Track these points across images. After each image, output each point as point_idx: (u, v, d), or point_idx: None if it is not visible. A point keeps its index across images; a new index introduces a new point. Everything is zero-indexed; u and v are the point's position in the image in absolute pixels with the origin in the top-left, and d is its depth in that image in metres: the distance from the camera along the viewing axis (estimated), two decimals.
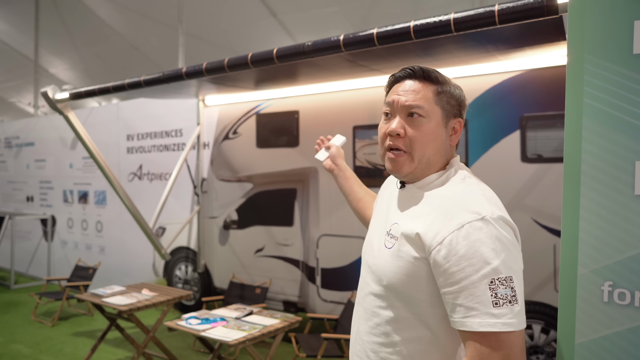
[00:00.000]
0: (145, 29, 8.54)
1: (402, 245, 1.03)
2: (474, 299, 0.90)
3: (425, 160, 1.08)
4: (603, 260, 0.96)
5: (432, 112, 1.07)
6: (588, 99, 0.97)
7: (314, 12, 7.39)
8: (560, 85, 3.04)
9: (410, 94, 1.08)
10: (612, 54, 0.95)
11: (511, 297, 0.89)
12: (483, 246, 0.91)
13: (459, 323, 0.92)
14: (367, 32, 2.17)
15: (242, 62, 2.68)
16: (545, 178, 3.08)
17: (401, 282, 1.02)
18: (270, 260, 4.35)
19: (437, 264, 0.95)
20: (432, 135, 1.07)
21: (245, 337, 2.79)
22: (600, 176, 0.97)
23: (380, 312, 1.07)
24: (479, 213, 0.94)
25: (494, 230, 0.92)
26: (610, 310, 0.96)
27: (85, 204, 6.17)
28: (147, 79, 3.18)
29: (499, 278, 0.89)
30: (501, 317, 0.88)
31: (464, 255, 0.91)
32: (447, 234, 0.94)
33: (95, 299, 3.64)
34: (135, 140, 5.51)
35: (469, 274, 0.91)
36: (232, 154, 4.57)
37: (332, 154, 1.63)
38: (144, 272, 5.42)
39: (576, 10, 0.98)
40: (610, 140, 0.96)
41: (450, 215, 0.96)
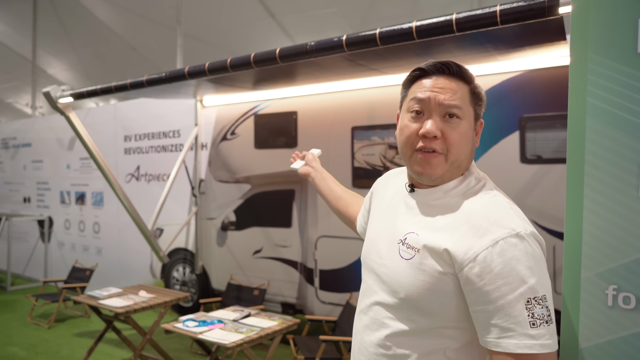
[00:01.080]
0: (144, 30, 8.52)
1: (425, 258, 0.97)
2: (510, 319, 0.86)
3: (458, 164, 1.02)
4: (607, 263, 0.94)
5: (468, 113, 1.02)
6: (592, 98, 0.95)
7: (313, 13, 7.38)
8: (559, 85, 3.04)
9: (449, 92, 1.00)
10: (616, 53, 0.93)
11: (547, 317, 0.86)
12: (519, 264, 0.87)
13: (493, 343, 0.88)
14: (369, 32, 2.16)
15: (245, 62, 2.67)
16: (544, 179, 3.06)
17: (422, 296, 0.96)
18: (269, 261, 4.33)
19: (469, 281, 0.91)
20: (467, 138, 1.02)
21: (243, 340, 2.77)
22: (605, 177, 0.94)
23: (392, 323, 1.01)
24: (512, 229, 0.90)
25: (528, 247, 0.89)
26: (614, 315, 0.93)
27: (83, 205, 6.14)
28: (149, 79, 3.17)
29: (535, 297, 0.86)
30: (539, 339, 0.85)
31: (500, 273, 0.87)
32: (480, 251, 0.89)
33: (92, 301, 3.61)
34: (132, 141, 5.48)
35: (505, 293, 0.87)
36: (230, 155, 4.54)
37: (308, 160, 1.63)
38: (141, 274, 5.39)
39: (579, 8, 0.96)
40: (614, 141, 0.94)
41: (482, 230, 0.91)
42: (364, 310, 1.10)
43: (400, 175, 1.21)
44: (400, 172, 1.23)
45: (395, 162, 3.64)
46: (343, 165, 3.86)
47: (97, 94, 3.45)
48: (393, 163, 3.65)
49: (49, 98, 3.61)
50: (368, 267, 1.13)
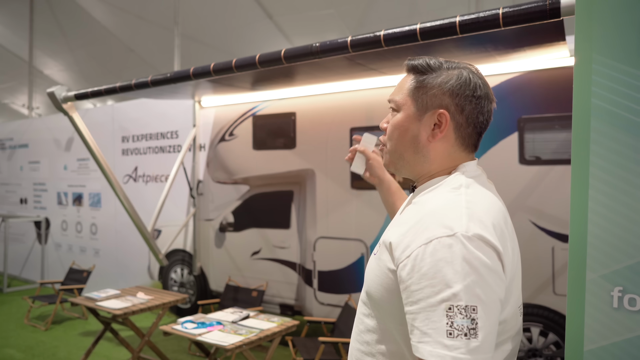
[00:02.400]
0: (141, 31, 8.50)
1: (382, 253, 0.95)
2: (429, 324, 0.81)
3: (398, 155, 1.03)
4: (613, 265, 0.94)
5: (405, 104, 1.01)
6: (596, 99, 0.95)
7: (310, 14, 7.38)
8: (558, 87, 3.04)
9: (395, 88, 1.06)
10: (621, 54, 0.93)
11: (468, 330, 0.78)
12: (447, 267, 0.81)
13: (414, 347, 0.83)
14: (374, 34, 2.18)
15: (250, 63, 2.68)
16: (543, 180, 3.06)
17: (377, 291, 0.95)
18: (267, 263, 4.32)
19: (401, 279, 0.87)
20: (400, 129, 1.01)
21: (242, 342, 2.76)
22: (609, 179, 0.94)
23: (364, 319, 1.01)
24: (450, 228, 0.83)
25: (463, 251, 0.81)
26: (620, 317, 0.93)
27: (80, 206, 6.11)
28: (154, 79, 3.17)
29: (458, 305, 0.79)
30: (452, 350, 0.78)
31: (426, 273, 0.82)
32: (414, 248, 0.85)
33: (90, 303, 3.59)
34: (130, 142, 5.46)
35: (427, 295, 0.81)
36: (229, 156, 4.53)
37: (369, 166, 1.40)
38: (139, 275, 5.37)
39: (584, 9, 0.96)
40: (619, 143, 0.93)
41: (423, 227, 0.87)
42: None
43: None
44: None
45: None
46: (341, 166, 3.86)
47: (102, 94, 3.46)
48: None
49: (53, 98, 3.61)
50: None
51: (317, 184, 4.02)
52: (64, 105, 3.64)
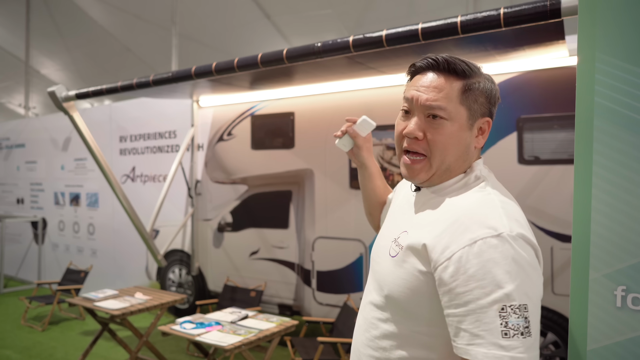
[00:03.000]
0: (138, 31, 8.48)
1: (407, 255, 0.93)
2: (481, 326, 0.80)
3: (445, 167, 0.97)
4: (616, 264, 0.93)
5: (457, 113, 0.95)
6: (599, 98, 0.95)
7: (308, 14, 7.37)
8: (557, 87, 3.05)
9: (432, 92, 0.95)
10: (624, 53, 0.92)
11: (524, 329, 0.79)
12: (496, 267, 0.80)
13: (462, 350, 0.82)
14: (376, 34, 2.19)
15: (252, 63, 2.68)
16: (542, 180, 3.07)
17: (403, 295, 0.92)
18: (265, 263, 4.31)
19: (442, 281, 0.85)
20: (454, 140, 0.95)
21: (241, 342, 2.75)
22: (613, 178, 0.94)
23: (379, 324, 0.98)
24: (495, 229, 0.83)
25: (510, 250, 0.81)
26: (623, 316, 0.93)
27: (77, 207, 6.09)
28: (156, 79, 3.17)
29: (511, 305, 0.79)
30: (510, 350, 0.78)
31: (474, 275, 0.81)
32: (457, 250, 0.84)
33: (88, 303, 3.58)
34: (128, 141, 5.44)
35: (477, 296, 0.80)
36: (227, 156, 4.52)
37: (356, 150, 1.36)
38: (137, 276, 5.35)
39: (587, 8, 0.95)
40: (622, 141, 0.93)
41: (462, 228, 0.86)
42: (360, 310, 1.11)
43: None
44: None
45: (393, 163, 3.64)
46: (340, 166, 3.85)
47: (103, 94, 3.45)
48: (391, 164, 3.65)
49: (54, 97, 3.60)
50: (371, 267, 1.14)
51: (316, 184, 4.01)
52: (65, 104, 3.63)
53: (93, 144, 3.83)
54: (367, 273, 3.78)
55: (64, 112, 3.68)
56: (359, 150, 1.35)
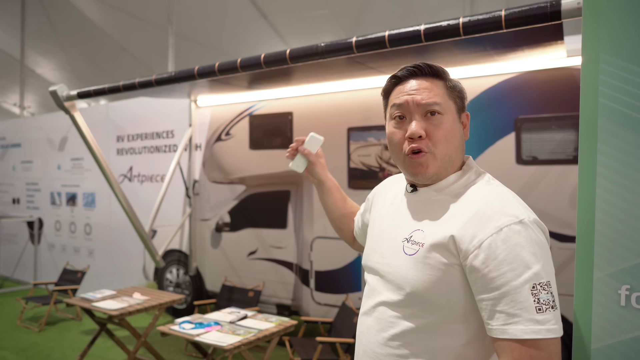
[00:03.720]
0: (135, 30, 8.45)
1: (430, 251, 0.98)
2: (516, 305, 0.87)
3: (448, 158, 1.04)
4: (620, 263, 0.94)
5: (448, 107, 1.04)
6: (604, 98, 0.96)
7: (305, 14, 7.37)
8: (555, 87, 3.06)
9: (424, 92, 1.03)
10: (628, 53, 0.93)
11: (553, 302, 0.87)
12: (523, 250, 0.88)
13: (499, 330, 0.89)
14: (379, 35, 2.22)
15: (255, 63, 2.69)
16: (540, 180, 3.08)
17: (428, 290, 0.97)
18: (263, 263, 4.31)
19: (474, 269, 0.92)
20: (452, 132, 1.04)
21: (240, 342, 2.75)
22: (617, 178, 0.95)
23: (398, 322, 1.01)
24: (516, 216, 0.92)
25: (532, 234, 0.90)
26: (627, 315, 0.94)
27: (74, 206, 6.06)
28: (158, 78, 3.17)
29: (540, 283, 0.87)
30: (545, 324, 0.85)
31: (505, 259, 0.88)
32: (485, 238, 0.91)
33: (85, 304, 3.56)
34: (125, 141, 5.42)
35: (510, 279, 0.88)
36: (225, 156, 4.52)
37: (311, 167, 1.43)
38: (134, 276, 5.34)
39: (591, 8, 0.96)
40: (627, 142, 0.94)
41: (486, 218, 0.93)
42: (367, 312, 1.10)
43: (400, 180, 1.24)
44: (401, 177, 1.26)
45: (392, 163, 3.64)
46: (339, 166, 3.86)
47: (105, 93, 3.45)
48: (389, 164, 3.65)
49: (55, 97, 3.60)
50: (370, 269, 1.14)
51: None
52: (66, 103, 3.64)
53: (93, 144, 3.83)
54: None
55: (65, 112, 3.68)
56: (313, 167, 1.41)
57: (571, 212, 3.00)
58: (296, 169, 1.38)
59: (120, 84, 3.35)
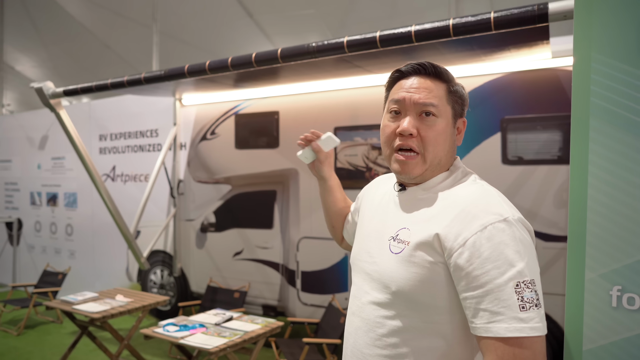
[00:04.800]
0: (118, 27, 8.31)
1: (415, 250, 0.98)
2: (500, 303, 0.86)
3: (437, 161, 1.05)
4: (611, 264, 0.94)
5: (445, 111, 1.04)
6: (595, 98, 0.95)
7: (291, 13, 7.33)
8: (540, 88, 3.09)
9: (423, 92, 1.03)
10: (621, 53, 0.93)
11: (536, 301, 0.87)
12: (507, 248, 0.88)
13: (482, 329, 0.88)
14: (370, 35, 2.24)
15: (247, 62, 2.68)
16: (526, 180, 3.10)
17: (414, 288, 0.96)
18: (249, 263, 4.26)
19: (458, 267, 0.91)
20: (444, 136, 1.04)
21: (226, 344, 2.70)
22: (609, 178, 0.94)
23: (385, 322, 1.01)
24: (500, 214, 0.92)
25: (516, 232, 0.90)
26: (619, 316, 0.93)
27: (55, 207, 5.93)
28: (147, 76, 3.13)
29: (524, 281, 0.86)
30: (529, 322, 0.85)
31: (489, 257, 0.88)
32: (469, 236, 0.91)
33: (66, 306, 3.48)
34: (108, 140, 5.32)
35: (494, 276, 0.87)
36: (210, 155, 4.46)
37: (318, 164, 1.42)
38: (117, 277, 5.24)
39: (583, 8, 0.95)
40: (618, 141, 0.93)
41: (471, 216, 0.93)
42: (355, 312, 1.10)
43: (390, 179, 1.24)
44: (390, 177, 1.26)
45: (378, 162, 3.63)
46: None
47: (93, 91, 3.39)
48: (376, 164, 3.64)
49: (41, 94, 3.53)
50: (358, 268, 1.14)
51: (301, 183, 3.98)
52: (52, 101, 3.57)
53: (79, 143, 3.76)
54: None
55: (51, 109, 3.62)
56: (321, 164, 1.41)
57: (556, 212, 3.03)
58: (303, 159, 1.39)
59: (109, 82, 3.29)
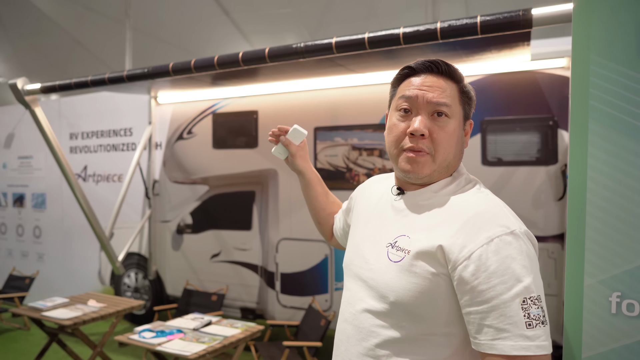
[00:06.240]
0: (89, 23, 8.06)
1: (416, 260, 0.93)
2: (505, 320, 0.82)
3: (446, 163, 1.00)
4: (611, 270, 0.92)
5: (456, 112, 1.00)
6: (594, 101, 0.94)
7: (268, 12, 7.25)
8: (519, 90, 3.12)
9: (437, 90, 0.98)
10: (620, 55, 0.91)
11: (543, 318, 0.83)
12: (514, 262, 0.84)
13: (487, 345, 0.84)
14: (358, 37, 2.26)
15: (233, 60, 2.64)
16: (506, 181, 3.13)
17: (413, 300, 0.92)
18: (227, 265, 4.18)
19: (463, 280, 0.87)
20: (455, 137, 1.00)
21: (206, 350, 2.63)
22: (608, 182, 0.93)
23: (380, 331, 0.96)
24: (507, 227, 0.88)
25: (523, 246, 0.86)
26: (618, 322, 0.92)
27: (22, 208, 5.70)
28: (129, 74, 3.02)
29: (531, 297, 0.83)
30: (535, 340, 0.81)
31: (495, 271, 0.84)
32: (475, 248, 0.86)
33: (34, 313, 3.33)
34: (79, 139, 5.14)
35: (500, 292, 0.83)
36: (187, 155, 4.35)
37: (291, 158, 1.42)
38: (89, 281, 5.07)
39: (582, 9, 0.94)
40: (618, 145, 0.92)
41: (476, 227, 0.89)
42: (348, 320, 1.05)
43: (385, 180, 1.19)
44: (386, 177, 1.22)
45: (359, 163, 3.61)
46: None
47: (72, 88, 3.26)
48: (356, 164, 3.62)
49: (16, 90, 3.37)
50: (352, 273, 1.09)
51: (280, 184, 3.93)
52: (27, 98, 3.42)
53: (54, 141, 3.61)
54: (332, 274, 3.74)
55: (25, 106, 3.47)
56: (293, 158, 1.40)
57: (534, 213, 3.07)
58: (277, 155, 1.39)
59: (89, 79, 3.18)
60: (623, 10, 0.91)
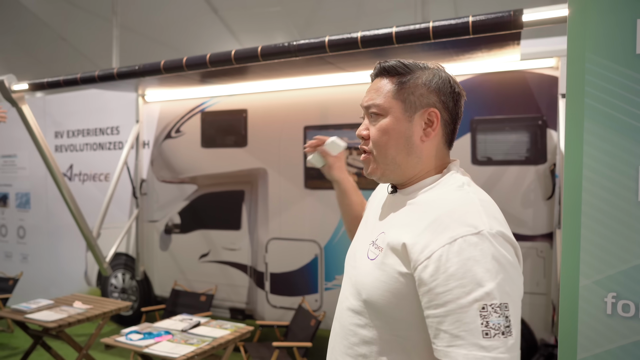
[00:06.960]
0: (75, 20, 7.94)
1: (387, 257, 0.90)
2: (461, 326, 0.77)
3: (390, 160, 0.98)
4: (606, 270, 0.92)
5: (390, 107, 0.98)
6: (590, 100, 0.93)
7: (257, 10, 7.21)
8: (509, 89, 3.13)
9: (370, 93, 1.02)
10: (615, 54, 0.91)
11: (505, 328, 0.77)
12: (477, 265, 0.78)
13: (442, 352, 0.80)
14: (351, 36, 2.26)
15: (226, 59, 2.62)
16: (494, 180, 3.14)
17: (382, 298, 0.89)
18: (216, 265, 4.14)
19: (422, 281, 0.83)
20: (391, 133, 0.97)
21: (194, 352, 2.59)
22: (603, 182, 0.92)
23: (357, 330, 0.95)
24: (475, 226, 0.82)
25: (490, 248, 0.80)
26: (614, 323, 0.91)
27: (5, 208, 5.59)
28: (120, 72, 2.98)
29: (492, 304, 0.77)
30: (491, 351, 0.75)
31: (454, 274, 0.79)
32: (436, 248, 0.82)
33: (18, 316, 3.26)
34: (65, 137, 5.05)
35: (457, 296, 0.78)
36: (175, 154, 4.30)
37: (328, 168, 1.40)
38: (75, 282, 4.98)
39: (577, 7, 0.93)
40: (613, 144, 0.91)
41: (442, 227, 0.84)
42: (336, 317, 1.07)
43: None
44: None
45: (348, 162, 3.59)
46: (295, 165, 3.76)
47: (60, 86, 3.22)
48: (346, 164, 3.60)
49: (2, 88, 3.30)
50: (345, 272, 1.11)
51: (270, 183, 3.90)
52: (15, 95, 3.34)
53: (41, 140, 3.54)
54: (322, 274, 3.72)
55: (12, 104, 3.40)
56: (330, 169, 1.39)
57: (524, 212, 3.08)
58: (315, 163, 1.40)
59: (78, 77, 3.12)
60: (618, 8, 0.90)
